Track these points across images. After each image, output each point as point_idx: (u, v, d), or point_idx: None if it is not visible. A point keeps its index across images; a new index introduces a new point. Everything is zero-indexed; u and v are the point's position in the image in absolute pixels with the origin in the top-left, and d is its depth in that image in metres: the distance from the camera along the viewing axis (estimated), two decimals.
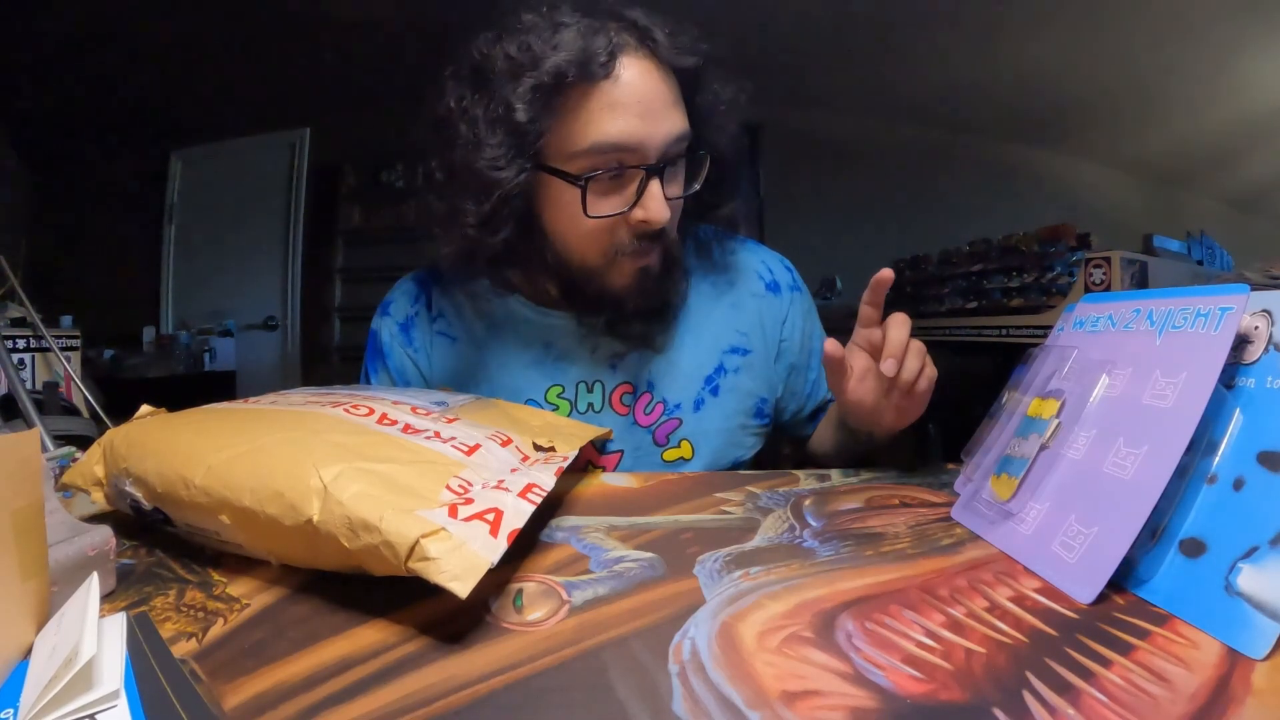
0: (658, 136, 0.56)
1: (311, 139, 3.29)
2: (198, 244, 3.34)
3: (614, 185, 0.58)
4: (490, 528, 0.34)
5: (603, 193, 0.58)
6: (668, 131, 0.57)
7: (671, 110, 0.58)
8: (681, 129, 0.58)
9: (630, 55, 0.56)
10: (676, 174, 0.61)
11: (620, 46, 0.55)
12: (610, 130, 0.55)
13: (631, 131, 0.55)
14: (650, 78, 0.56)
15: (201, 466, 0.38)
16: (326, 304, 3.35)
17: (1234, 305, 0.34)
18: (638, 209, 0.57)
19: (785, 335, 0.73)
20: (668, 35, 0.58)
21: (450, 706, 0.26)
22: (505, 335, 0.70)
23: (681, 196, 0.62)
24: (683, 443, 0.68)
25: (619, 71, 0.55)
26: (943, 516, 0.47)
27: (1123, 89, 2.79)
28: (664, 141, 0.57)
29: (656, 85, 0.57)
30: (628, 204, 0.58)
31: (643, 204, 0.57)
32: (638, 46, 0.57)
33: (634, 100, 0.55)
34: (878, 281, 0.55)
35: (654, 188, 0.57)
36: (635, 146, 0.56)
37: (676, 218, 0.63)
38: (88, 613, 0.27)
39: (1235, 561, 0.30)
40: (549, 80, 0.54)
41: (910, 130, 3.26)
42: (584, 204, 0.57)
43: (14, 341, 1.21)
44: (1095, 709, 0.25)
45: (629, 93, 0.55)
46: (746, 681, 0.27)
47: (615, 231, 0.60)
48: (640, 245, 0.60)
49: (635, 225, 0.59)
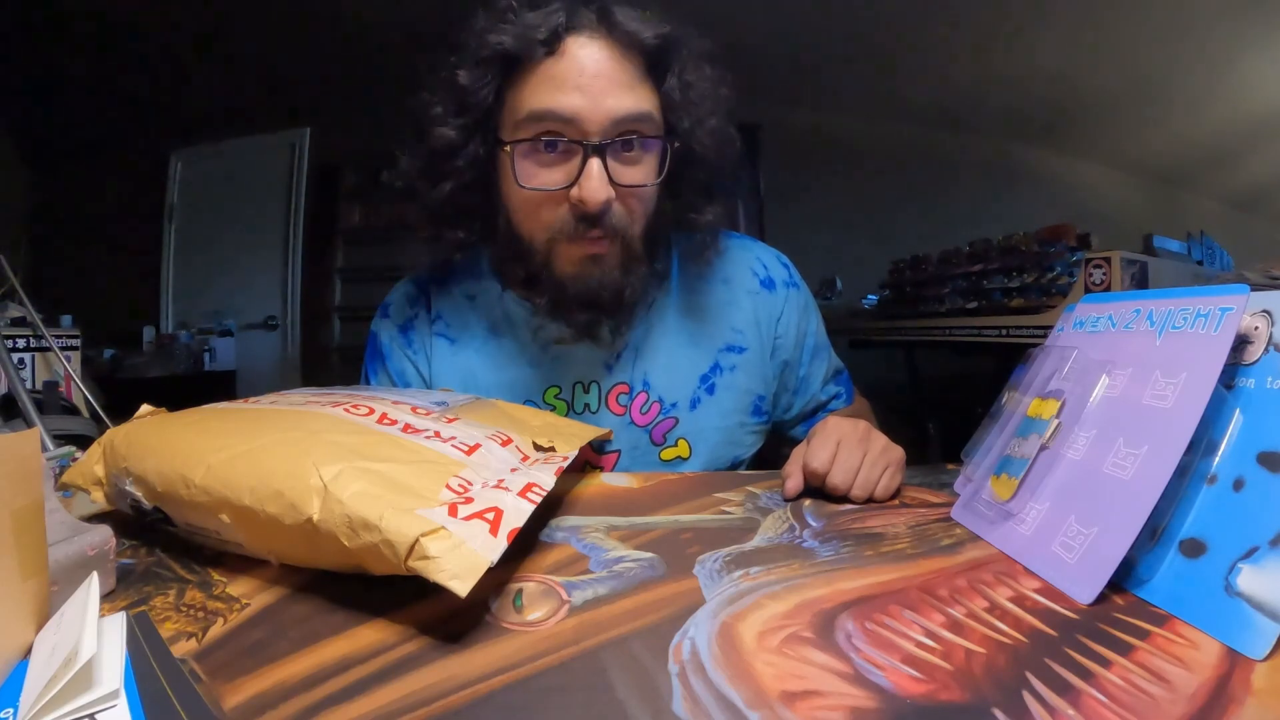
0: (599, 112, 0.56)
1: (311, 139, 3.29)
2: (198, 244, 3.33)
3: (557, 160, 0.58)
4: (490, 527, 0.34)
5: (544, 166, 0.59)
6: (613, 108, 0.56)
7: (623, 89, 0.57)
8: (634, 109, 0.58)
9: (584, 34, 0.57)
10: (635, 160, 0.60)
11: (571, 26, 0.57)
12: (546, 101, 0.56)
13: (568, 104, 0.56)
14: (601, 56, 0.57)
15: (201, 466, 0.38)
16: (326, 304, 3.34)
17: (1234, 306, 0.34)
18: (575, 187, 0.58)
19: (780, 332, 0.73)
20: (628, 15, 0.58)
21: (450, 706, 0.26)
22: (503, 337, 0.70)
23: (640, 185, 0.60)
24: (680, 442, 0.68)
25: (566, 49, 0.57)
26: (943, 516, 0.47)
27: (1123, 89, 2.79)
28: (607, 118, 0.56)
29: (607, 64, 0.57)
30: (569, 180, 0.58)
31: (579, 182, 0.57)
32: (594, 26, 0.58)
33: (576, 75, 0.56)
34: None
35: (592, 166, 0.57)
36: (571, 118, 0.56)
37: (640, 212, 0.62)
38: (88, 612, 0.27)
39: (1235, 562, 0.30)
40: (488, 53, 0.57)
41: (910, 130, 3.26)
42: (514, 171, 0.58)
43: (14, 341, 1.20)
44: (1095, 709, 0.25)
45: (572, 68, 0.56)
46: (746, 681, 0.27)
47: (557, 209, 0.60)
48: (579, 228, 0.59)
49: (574, 204, 0.58)
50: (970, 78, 2.81)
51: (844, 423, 0.56)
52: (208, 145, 3.31)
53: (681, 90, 0.61)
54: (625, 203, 0.60)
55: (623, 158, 0.59)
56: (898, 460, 0.54)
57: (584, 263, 0.61)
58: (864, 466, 0.52)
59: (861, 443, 0.53)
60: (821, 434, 0.54)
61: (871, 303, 3.16)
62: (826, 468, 0.51)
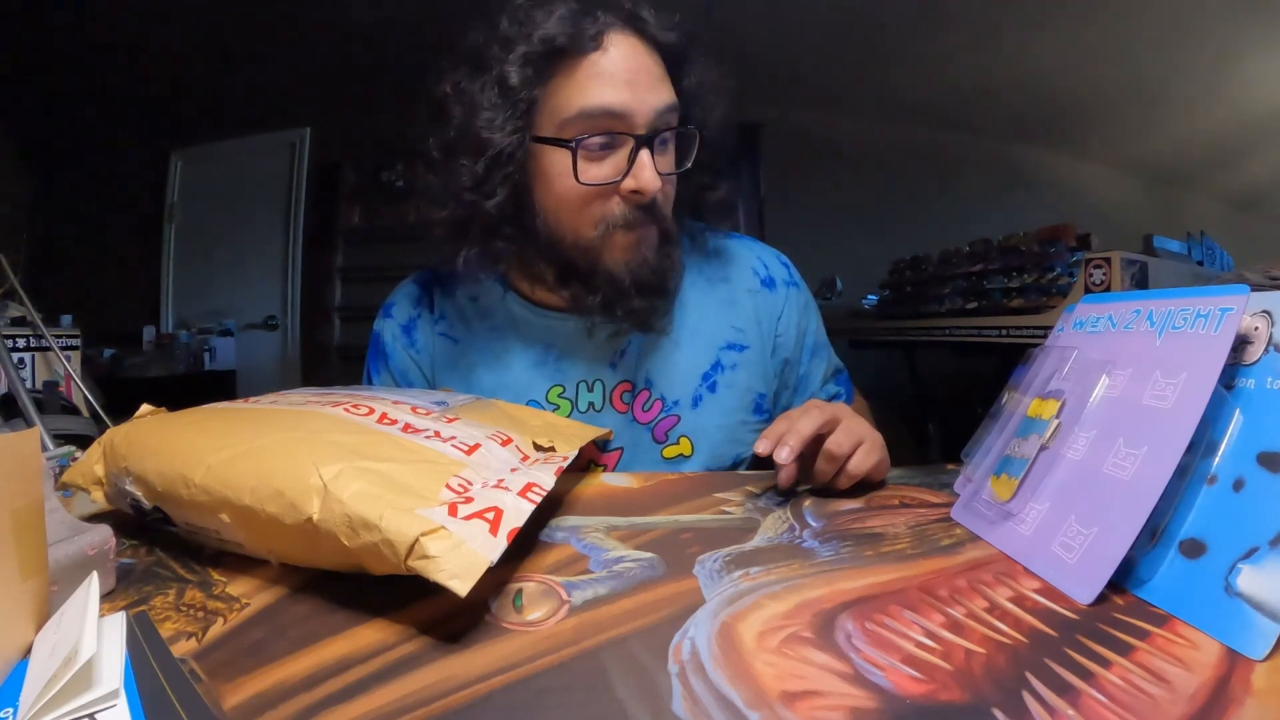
0: (646, 106, 0.58)
1: (311, 139, 3.29)
2: (198, 244, 3.34)
3: (605, 154, 0.60)
4: (490, 526, 0.34)
5: (594, 161, 0.60)
6: (656, 102, 0.59)
7: (659, 83, 0.60)
8: (669, 101, 0.60)
9: (618, 32, 0.59)
10: (667, 150, 0.63)
11: (608, 24, 0.58)
12: (599, 97, 0.58)
13: (620, 99, 0.58)
14: (638, 52, 0.60)
15: (201, 465, 0.38)
16: (326, 304, 3.34)
17: (1234, 306, 0.34)
18: (629, 178, 0.59)
19: (781, 331, 0.73)
20: (653, 14, 0.61)
21: (450, 706, 0.26)
22: (506, 337, 0.70)
23: (673, 173, 0.64)
24: (682, 440, 0.69)
25: (607, 45, 0.58)
26: (943, 517, 0.47)
27: (1123, 89, 2.79)
28: (652, 111, 0.59)
29: (644, 59, 0.60)
30: (619, 173, 0.60)
31: (634, 173, 0.59)
32: (625, 25, 0.60)
33: (621, 70, 0.58)
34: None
35: (644, 157, 0.59)
36: (623, 113, 0.58)
37: (670, 196, 0.65)
38: (87, 612, 0.27)
39: (1235, 562, 0.30)
40: (539, 48, 0.57)
41: (910, 130, 3.26)
42: (574, 168, 0.59)
43: (14, 341, 1.21)
44: (1095, 709, 0.25)
45: (617, 63, 0.58)
46: (746, 681, 0.27)
47: (607, 203, 0.61)
48: (632, 216, 0.61)
49: (627, 195, 0.60)
50: (970, 78, 2.81)
51: (821, 402, 0.57)
52: (208, 145, 3.31)
53: (698, 83, 0.65)
54: (663, 190, 0.63)
55: (658, 148, 0.61)
56: (873, 439, 0.54)
57: (634, 249, 0.63)
58: (838, 432, 0.52)
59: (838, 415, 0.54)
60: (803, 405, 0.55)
61: (871, 303, 3.16)
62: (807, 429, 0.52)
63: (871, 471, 0.53)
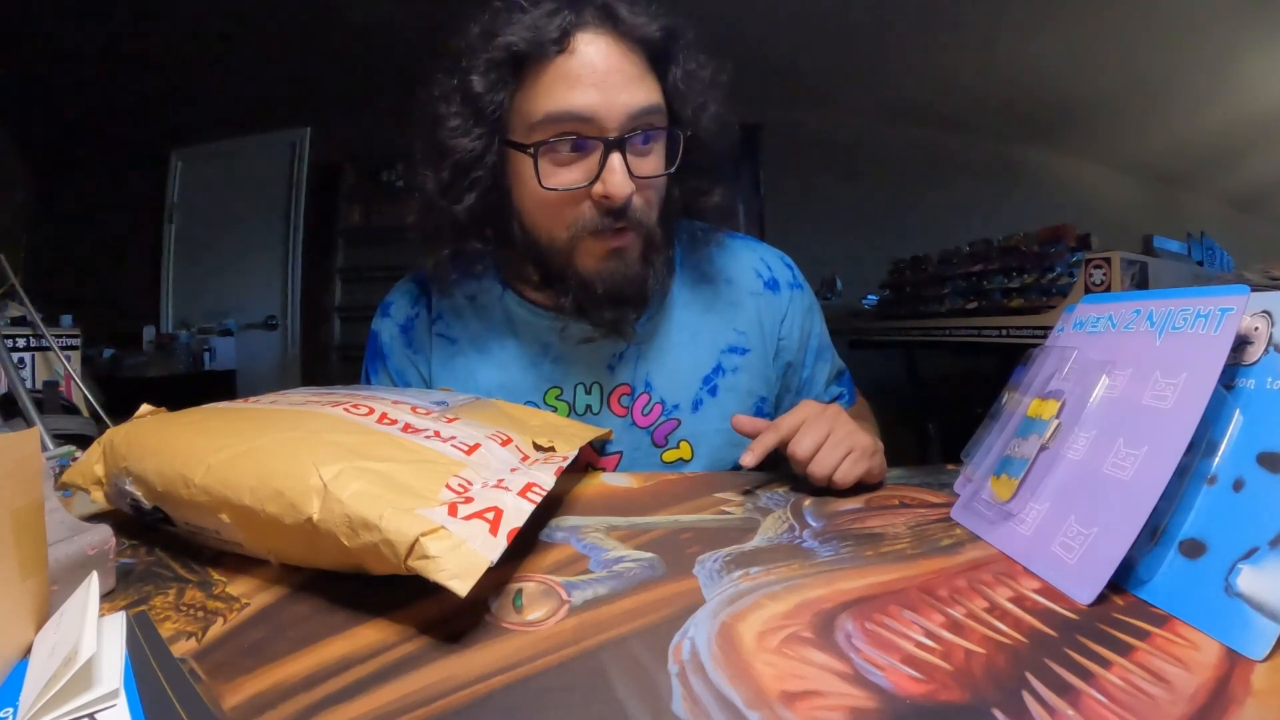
0: (617, 107, 0.56)
1: (311, 139, 3.29)
2: (198, 244, 3.34)
3: (575, 158, 0.58)
4: (490, 526, 0.34)
5: (563, 165, 0.59)
6: (627, 103, 0.57)
7: (634, 84, 0.58)
8: (646, 102, 0.58)
9: (589, 31, 0.57)
10: (648, 152, 0.61)
11: (577, 24, 0.57)
12: (564, 101, 0.56)
13: (586, 102, 0.56)
14: (610, 52, 0.57)
15: (201, 465, 0.38)
16: (326, 304, 3.35)
17: (1234, 306, 0.34)
18: (598, 183, 0.58)
19: (784, 334, 0.72)
20: (630, 10, 0.58)
21: (450, 706, 0.26)
22: (505, 337, 0.70)
23: (656, 176, 0.61)
24: (682, 443, 0.68)
25: (575, 46, 0.56)
26: (942, 517, 0.47)
27: (1123, 89, 2.79)
28: (624, 113, 0.57)
29: (616, 59, 0.57)
30: (589, 177, 0.58)
31: (602, 178, 0.57)
32: (599, 24, 0.58)
33: (589, 72, 0.56)
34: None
35: (614, 161, 0.57)
36: (590, 117, 0.56)
37: (655, 202, 0.63)
38: (87, 612, 0.27)
39: (1235, 562, 0.30)
40: (501, 54, 0.56)
41: (910, 130, 3.26)
42: (536, 174, 0.58)
43: (14, 341, 1.21)
44: (1095, 710, 0.25)
45: (584, 65, 0.56)
46: (746, 681, 0.27)
47: (578, 207, 0.60)
48: (604, 223, 0.60)
49: (597, 200, 0.59)
50: (970, 78, 2.81)
51: (815, 405, 0.58)
52: (208, 145, 3.31)
53: (685, 80, 0.62)
54: (643, 194, 0.61)
55: (638, 150, 0.59)
56: (862, 447, 0.54)
57: (608, 257, 0.62)
58: (826, 446, 0.53)
59: (828, 423, 0.55)
60: (794, 409, 0.57)
61: (871, 303, 3.17)
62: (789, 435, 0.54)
63: (863, 478, 0.53)
